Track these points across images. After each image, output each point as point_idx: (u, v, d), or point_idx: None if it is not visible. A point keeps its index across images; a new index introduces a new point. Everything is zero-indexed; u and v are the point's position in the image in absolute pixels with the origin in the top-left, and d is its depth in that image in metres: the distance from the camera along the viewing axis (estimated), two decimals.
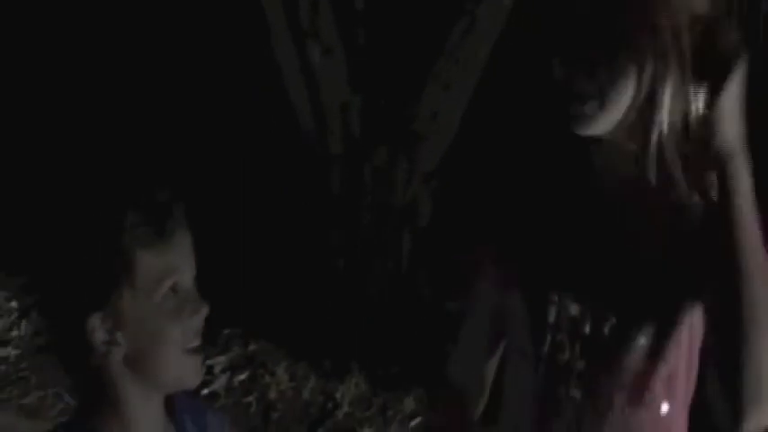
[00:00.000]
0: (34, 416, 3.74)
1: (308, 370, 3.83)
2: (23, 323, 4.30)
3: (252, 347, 3.93)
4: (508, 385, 1.47)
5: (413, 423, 3.59)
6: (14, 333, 4.26)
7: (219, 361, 3.82)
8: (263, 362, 3.85)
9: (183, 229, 1.23)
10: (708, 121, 1.23)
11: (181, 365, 1.23)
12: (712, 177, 1.27)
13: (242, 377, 3.78)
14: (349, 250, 4.01)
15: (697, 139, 1.26)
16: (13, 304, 4.43)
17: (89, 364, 1.21)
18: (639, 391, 1.34)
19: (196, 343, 1.25)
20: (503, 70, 3.90)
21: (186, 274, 1.24)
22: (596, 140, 1.32)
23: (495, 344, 1.50)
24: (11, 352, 4.13)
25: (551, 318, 1.36)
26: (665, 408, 1.36)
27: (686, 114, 1.26)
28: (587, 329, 1.34)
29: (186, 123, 4.93)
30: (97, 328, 1.19)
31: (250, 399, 3.69)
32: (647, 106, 1.26)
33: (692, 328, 1.33)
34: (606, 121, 1.28)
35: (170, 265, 1.21)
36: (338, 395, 3.70)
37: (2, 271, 4.64)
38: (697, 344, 1.37)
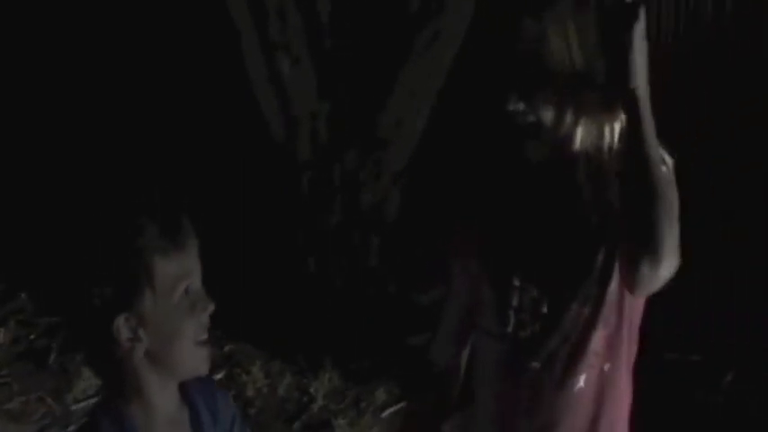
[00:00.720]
0: (19, 420, 3.80)
1: (282, 367, 3.92)
2: (1, 331, 4.37)
3: (227, 348, 4.01)
4: (479, 363, 1.66)
5: (385, 413, 3.70)
6: None
7: None
8: (239, 361, 3.94)
9: (192, 237, 1.40)
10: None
11: (194, 356, 1.40)
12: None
13: (219, 376, 3.83)
14: (319, 250, 4.16)
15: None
16: None
17: (114, 358, 1.36)
18: (586, 355, 1.54)
19: (205, 336, 1.41)
20: (466, 76, 4.08)
21: (196, 277, 1.40)
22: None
23: (468, 330, 1.69)
24: None
25: (515, 301, 1.56)
26: (606, 366, 1.56)
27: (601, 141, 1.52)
28: (545, 309, 1.55)
29: (160, 134, 5.05)
30: (122, 327, 1.34)
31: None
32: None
33: (631, 300, 1.55)
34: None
35: (184, 270, 1.37)
36: (313, 390, 3.80)
37: None
38: (638, 314, 1.59)
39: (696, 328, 3.85)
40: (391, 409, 3.72)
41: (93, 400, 3.88)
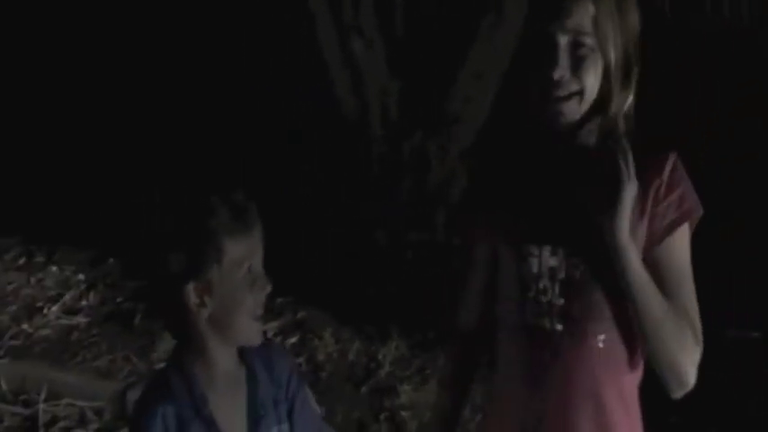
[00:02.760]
0: (106, 377, 3.99)
1: (352, 334, 4.07)
2: (91, 294, 4.62)
3: (301, 314, 4.17)
4: (502, 327, 1.77)
5: None
6: (83, 303, 4.56)
7: (272, 326, 4.08)
8: (312, 327, 4.11)
9: (257, 222, 1.58)
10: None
11: (249, 328, 1.59)
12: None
13: (293, 341, 4.02)
14: (389, 224, 4.31)
15: (629, 124, 1.67)
16: (81, 277, 4.76)
17: (184, 320, 1.57)
18: (605, 317, 1.67)
19: (260, 312, 1.60)
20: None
21: (259, 259, 1.59)
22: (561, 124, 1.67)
23: (490, 296, 1.81)
24: (81, 320, 4.42)
25: (534, 268, 1.69)
26: (624, 329, 1.67)
27: (621, 112, 1.67)
28: (563, 275, 1.68)
29: (238, 114, 5.24)
30: (191, 293, 1.54)
31: (300, 360, 3.92)
32: (599, 103, 1.65)
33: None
34: (582, 112, 1.65)
35: (248, 251, 1.56)
36: (380, 356, 3.94)
37: (69, 247, 5.02)
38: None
39: (757, 304, 3.88)
40: None
41: None
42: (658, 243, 1.67)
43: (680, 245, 1.69)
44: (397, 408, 3.69)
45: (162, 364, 4.10)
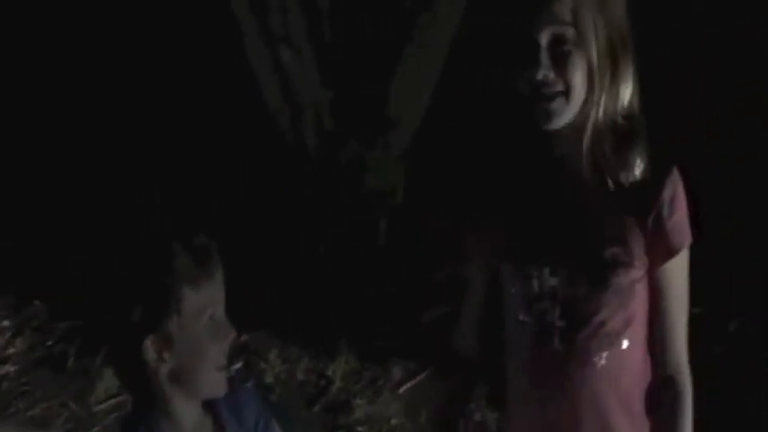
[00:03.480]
0: (42, 426, 3.84)
1: (299, 352, 3.97)
2: (18, 340, 4.42)
3: (243, 337, 4.02)
4: (508, 347, 1.73)
5: (402, 390, 3.74)
6: (11, 350, 4.37)
7: None
8: (257, 349, 3.98)
9: (219, 267, 1.47)
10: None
11: (213, 380, 1.48)
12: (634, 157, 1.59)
13: (237, 366, 3.97)
14: (329, 235, 4.21)
15: (623, 130, 1.60)
16: (6, 323, 4.55)
17: (143, 375, 1.45)
18: (606, 335, 1.63)
19: (224, 362, 1.50)
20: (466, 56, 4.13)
21: (220, 305, 1.48)
22: (551, 134, 1.61)
23: (489, 318, 1.77)
24: (10, 369, 4.24)
25: (535, 289, 1.64)
26: (625, 344, 1.64)
27: (615, 109, 1.59)
28: (563, 294, 1.63)
29: (171, 130, 5.10)
30: (149, 348, 1.43)
31: (248, 386, 3.87)
32: (587, 103, 1.58)
33: (644, 284, 1.64)
34: (568, 115, 1.58)
35: (210, 299, 1.45)
36: (330, 372, 3.84)
37: None
38: (646, 297, 1.67)
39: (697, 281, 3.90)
40: (408, 385, 3.77)
41: (115, 400, 3.94)
42: (661, 265, 1.64)
43: (681, 270, 1.67)
44: (353, 423, 3.61)
45: (100, 407, 3.97)
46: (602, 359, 1.63)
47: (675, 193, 1.62)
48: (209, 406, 1.54)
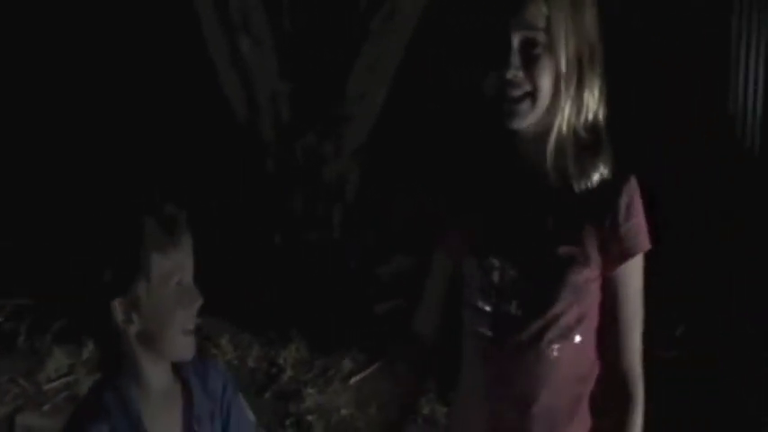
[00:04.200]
0: None
1: (251, 339, 4.00)
2: None
3: (196, 321, 4.14)
4: (466, 334, 1.79)
5: (352, 380, 3.80)
6: None
7: None
8: (208, 334, 3.99)
9: (187, 234, 1.53)
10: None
11: (179, 343, 1.54)
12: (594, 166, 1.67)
13: None
14: (285, 225, 4.24)
15: (585, 138, 1.67)
16: None
17: (112, 337, 1.52)
18: (560, 328, 1.70)
19: (191, 326, 1.56)
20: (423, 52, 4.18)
21: (188, 272, 1.54)
22: (516, 135, 1.68)
23: (449, 303, 1.84)
24: None
25: (496, 279, 1.71)
26: (577, 338, 1.72)
27: (578, 119, 1.66)
28: (522, 286, 1.70)
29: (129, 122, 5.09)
30: (117, 310, 1.49)
31: None
32: (553, 108, 1.65)
33: (598, 284, 1.72)
34: (533, 116, 1.65)
35: (177, 265, 1.51)
36: (281, 361, 3.88)
37: None
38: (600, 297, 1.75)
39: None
40: (358, 377, 3.83)
41: (65, 379, 3.95)
42: (615, 268, 1.70)
43: (638, 272, 1.72)
44: (303, 412, 3.65)
45: (51, 385, 3.97)
46: (555, 351, 1.70)
47: (632, 200, 1.68)
48: (178, 372, 1.59)
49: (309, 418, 3.61)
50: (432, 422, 3.47)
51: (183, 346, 1.55)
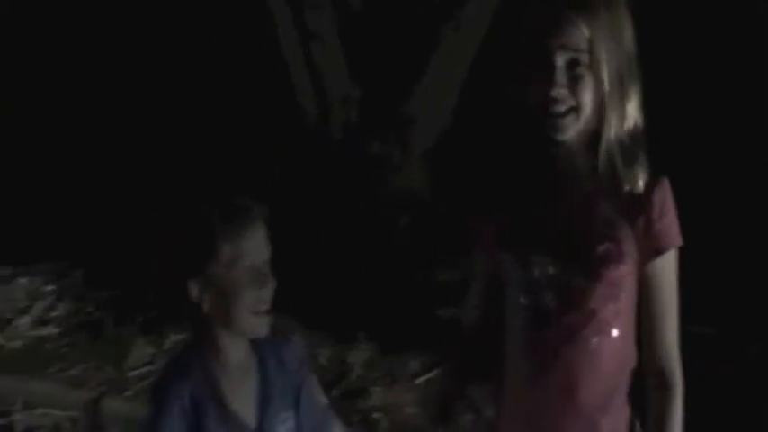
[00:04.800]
0: (79, 386, 4.03)
1: (321, 338, 4.14)
2: (60, 305, 4.65)
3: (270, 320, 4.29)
4: (508, 328, 1.93)
5: (417, 381, 3.90)
6: (53, 314, 4.60)
7: None
8: (281, 332, 4.22)
9: (258, 222, 1.71)
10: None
11: (249, 322, 1.72)
12: (640, 170, 1.79)
13: None
14: (353, 229, 4.38)
15: (629, 146, 1.80)
16: (49, 288, 4.79)
17: (194, 312, 1.70)
18: (598, 323, 1.82)
19: (264, 308, 1.73)
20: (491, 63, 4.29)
21: (258, 257, 1.71)
22: (560, 142, 1.81)
23: (495, 296, 1.96)
24: (53, 330, 4.47)
25: (535, 275, 1.84)
26: (615, 332, 1.84)
27: (622, 127, 1.79)
28: (561, 282, 1.82)
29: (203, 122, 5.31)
30: (192, 288, 1.69)
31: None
32: (595, 119, 1.78)
33: (634, 279, 1.83)
34: (576, 128, 1.78)
35: (246, 250, 1.69)
36: (350, 360, 4.02)
37: (38, 259, 5.01)
38: (635, 292, 1.86)
39: (713, 300, 3.98)
40: (423, 377, 3.92)
41: (147, 368, 4.15)
42: (649, 263, 1.82)
43: (669, 270, 1.84)
44: (370, 409, 3.77)
45: (133, 372, 4.20)
46: (593, 344, 1.81)
47: (665, 199, 1.81)
48: (256, 347, 1.76)
49: (375, 415, 3.72)
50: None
51: (254, 325, 1.72)
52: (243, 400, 1.74)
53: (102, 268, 4.89)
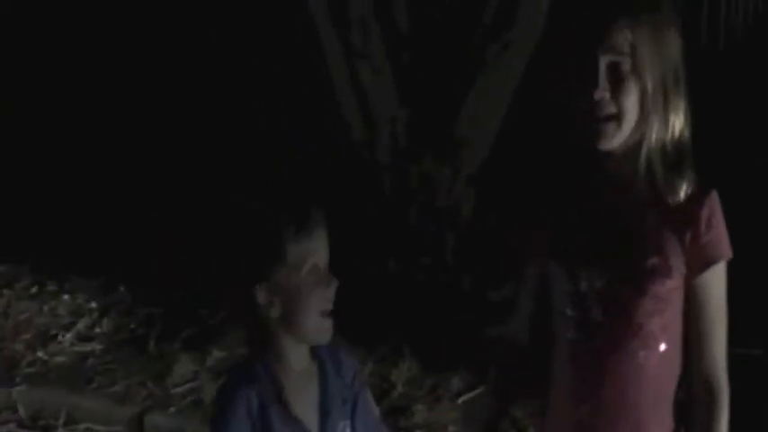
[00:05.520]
0: (123, 402, 4.05)
1: (365, 356, 4.11)
2: (104, 321, 4.68)
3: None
4: (556, 342, 1.92)
5: (460, 400, 3.89)
6: (97, 330, 4.63)
7: None
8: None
9: (320, 224, 1.73)
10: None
11: (317, 324, 1.72)
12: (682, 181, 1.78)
13: None
14: (399, 247, 4.39)
15: (672, 156, 1.79)
16: (93, 304, 4.81)
17: (257, 320, 1.71)
18: (645, 337, 1.81)
19: (329, 308, 1.73)
20: (537, 82, 4.29)
21: (323, 258, 1.73)
22: (607, 153, 1.80)
23: (541, 312, 1.96)
24: (95, 347, 4.49)
25: (583, 288, 1.84)
26: (662, 347, 1.83)
27: (665, 137, 1.79)
28: (608, 296, 1.81)
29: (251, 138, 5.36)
30: (260, 294, 1.68)
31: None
32: (640, 128, 1.77)
33: (681, 293, 1.82)
34: (621, 137, 1.77)
35: (311, 251, 1.70)
36: (393, 377, 4.01)
37: (80, 275, 5.08)
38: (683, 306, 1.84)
39: (758, 321, 3.97)
40: (466, 396, 3.91)
41: (190, 384, 4.17)
42: (697, 276, 1.80)
43: (718, 283, 1.83)
44: (412, 427, 3.77)
45: (177, 389, 4.20)
46: (640, 358, 1.81)
47: (713, 212, 1.80)
48: (316, 355, 1.76)
49: None
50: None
51: (321, 327, 1.72)
52: (305, 406, 1.74)
53: (146, 285, 4.92)
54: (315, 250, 1.70)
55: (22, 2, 6.19)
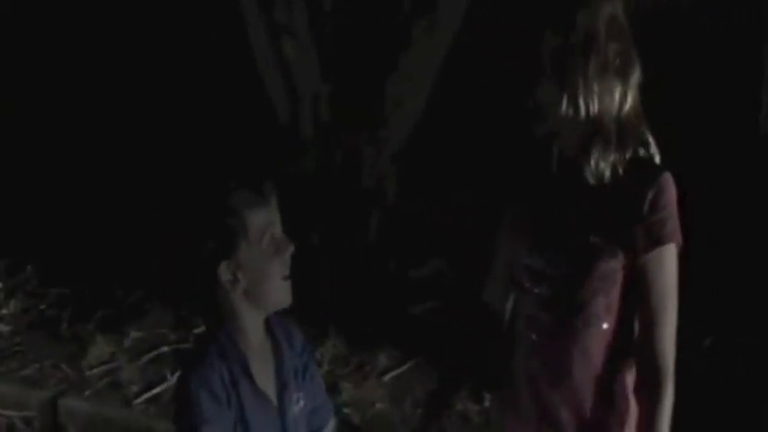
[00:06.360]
0: (35, 386, 3.93)
1: None
2: (11, 302, 4.52)
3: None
4: (516, 314, 1.99)
5: (387, 377, 3.91)
6: (4, 311, 4.47)
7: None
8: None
9: (273, 193, 1.74)
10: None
11: (281, 290, 1.73)
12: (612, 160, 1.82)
13: None
14: (323, 225, 4.36)
15: (608, 136, 1.82)
16: None
17: (219, 298, 1.69)
18: (590, 315, 1.86)
19: (287, 272, 1.74)
20: (463, 61, 4.31)
21: (278, 225, 1.73)
22: (557, 135, 1.86)
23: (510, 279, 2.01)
24: (3, 328, 4.34)
25: (532, 264, 1.90)
26: (605, 326, 1.87)
27: (606, 117, 1.81)
28: (554, 274, 1.87)
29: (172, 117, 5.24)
30: (224, 272, 1.67)
31: None
32: (575, 111, 1.80)
33: (624, 274, 1.85)
34: (561, 120, 1.81)
35: (269, 220, 1.71)
36: (319, 355, 3.98)
37: None
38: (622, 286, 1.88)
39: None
40: (393, 373, 3.93)
41: (106, 366, 4.07)
42: (641, 257, 1.82)
43: (667, 264, 1.84)
44: (340, 405, 3.76)
45: (92, 371, 4.07)
46: (583, 335, 1.86)
47: (659, 193, 1.81)
48: (269, 329, 1.78)
49: (346, 411, 3.71)
50: (465, 419, 3.58)
51: (284, 292, 1.73)
52: (265, 379, 1.76)
53: (55, 265, 4.76)
54: (272, 218, 1.71)
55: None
